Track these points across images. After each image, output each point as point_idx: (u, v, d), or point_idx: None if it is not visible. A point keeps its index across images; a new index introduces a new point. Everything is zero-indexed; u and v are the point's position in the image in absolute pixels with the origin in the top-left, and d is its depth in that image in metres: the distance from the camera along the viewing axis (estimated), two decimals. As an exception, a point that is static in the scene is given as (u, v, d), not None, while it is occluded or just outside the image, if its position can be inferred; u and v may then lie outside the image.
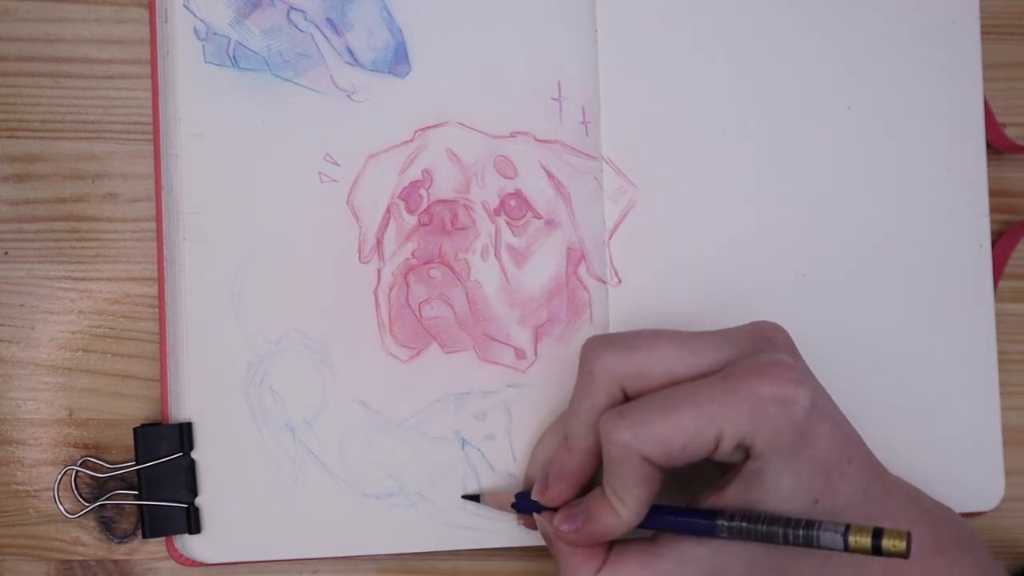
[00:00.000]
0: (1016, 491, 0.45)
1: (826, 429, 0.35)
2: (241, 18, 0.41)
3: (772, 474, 0.34)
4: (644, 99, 0.43)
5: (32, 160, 0.42)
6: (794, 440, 0.34)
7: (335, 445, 0.41)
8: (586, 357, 0.36)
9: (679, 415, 0.33)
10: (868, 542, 0.29)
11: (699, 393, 0.34)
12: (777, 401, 0.33)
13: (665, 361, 0.35)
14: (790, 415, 0.33)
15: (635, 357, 0.35)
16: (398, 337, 0.41)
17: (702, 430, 0.33)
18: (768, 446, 0.34)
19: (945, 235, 0.44)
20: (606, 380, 0.35)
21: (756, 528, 0.33)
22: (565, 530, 0.36)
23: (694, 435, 0.33)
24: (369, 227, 0.41)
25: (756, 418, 0.33)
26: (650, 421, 0.33)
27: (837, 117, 0.44)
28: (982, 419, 0.44)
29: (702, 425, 0.33)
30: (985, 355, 0.44)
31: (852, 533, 0.30)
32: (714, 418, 0.33)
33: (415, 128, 0.42)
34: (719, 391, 0.34)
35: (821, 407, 0.35)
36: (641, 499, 0.34)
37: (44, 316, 0.42)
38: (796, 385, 0.33)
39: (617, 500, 0.35)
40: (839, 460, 0.35)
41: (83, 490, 0.41)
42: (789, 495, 0.34)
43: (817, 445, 0.35)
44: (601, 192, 0.42)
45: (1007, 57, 0.46)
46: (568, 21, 0.42)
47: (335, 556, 0.41)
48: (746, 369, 0.34)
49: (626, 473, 0.34)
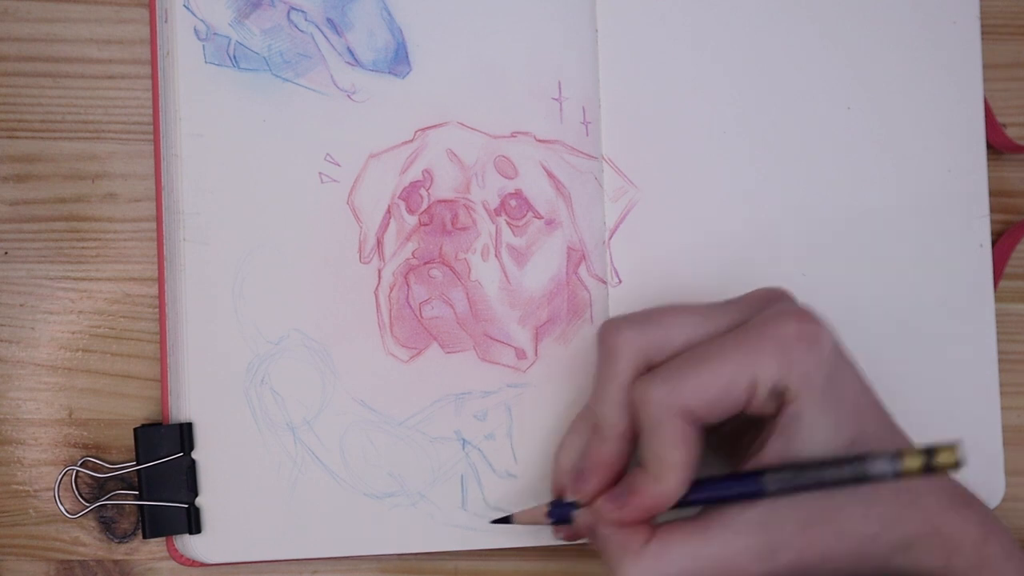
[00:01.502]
0: (1016, 491, 0.45)
1: (850, 372, 0.36)
2: (241, 18, 0.41)
3: (809, 416, 0.34)
4: (644, 99, 0.43)
5: (32, 160, 0.42)
6: (825, 378, 0.34)
7: (335, 445, 0.41)
8: (605, 337, 0.36)
9: (711, 365, 0.34)
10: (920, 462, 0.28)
11: (726, 344, 0.34)
12: (804, 338, 0.34)
13: (684, 329, 0.35)
14: (819, 352, 0.34)
15: (654, 329, 0.35)
16: (398, 337, 0.41)
17: (736, 378, 0.34)
18: (803, 386, 0.34)
19: (945, 235, 0.44)
20: (629, 355, 0.35)
21: (804, 475, 0.33)
22: (609, 509, 0.36)
23: (729, 384, 0.34)
24: (369, 227, 0.41)
25: (787, 358, 0.34)
26: (684, 375, 0.34)
27: (837, 117, 0.44)
28: (982, 419, 0.44)
29: (735, 372, 0.34)
30: (985, 355, 0.44)
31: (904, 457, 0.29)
32: (746, 364, 0.34)
33: (415, 128, 0.42)
34: (747, 339, 0.34)
35: (842, 350, 0.36)
36: (682, 462, 0.34)
37: (44, 316, 0.42)
38: (818, 325, 0.34)
39: (658, 466, 0.34)
40: (866, 403, 0.36)
41: (83, 490, 0.41)
42: (829, 436, 0.34)
43: (845, 386, 0.35)
44: (601, 192, 0.42)
45: (1007, 57, 0.46)
46: (568, 21, 0.42)
47: (335, 556, 0.41)
48: (768, 317, 0.35)
49: (665, 434, 0.34)
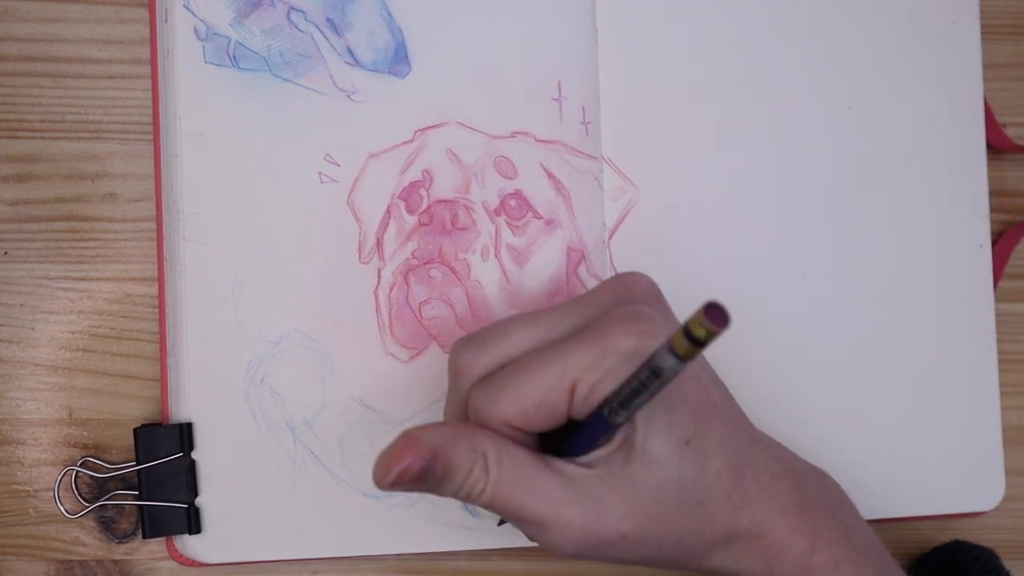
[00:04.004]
0: (1016, 491, 0.45)
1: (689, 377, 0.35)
2: (241, 18, 0.41)
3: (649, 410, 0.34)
4: (644, 99, 0.43)
5: (32, 160, 0.42)
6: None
7: (335, 445, 0.41)
8: (450, 359, 0.37)
9: (528, 376, 0.34)
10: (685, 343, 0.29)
11: (551, 351, 0.34)
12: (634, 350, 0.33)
13: (522, 341, 0.35)
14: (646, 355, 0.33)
15: (490, 350, 0.35)
16: (398, 337, 0.41)
17: (555, 384, 0.34)
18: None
19: (945, 235, 0.44)
20: (468, 376, 0.36)
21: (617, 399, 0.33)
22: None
23: (547, 391, 0.34)
24: (369, 227, 0.41)
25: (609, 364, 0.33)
26: (501, 388, 0.34)
27: (837, 117, 0.44)
28: (982, 419, 0.44)
29: (554, 379, 0.34)
30: (985, 355, 0.44)
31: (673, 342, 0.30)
32: (565, 370, 0.33)
33: (415, 128, 0.42)
34: (570, 346, 0.34)
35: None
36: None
37: (44, 316, 0.42)
38: (650, 337, 0.33)
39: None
40: (705, 405, 0.36)
41: (83, 490, 0.41)
42: (665, 432, 0.34)
43: (683, 387, 0.35)
44: (601, 192, 0.42)
45: (1007, 57, 0.46)
46: (568, 21, 0.42)
47: (335, 556, 0.41)
48: (600, 323, 0.34)
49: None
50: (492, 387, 0.35)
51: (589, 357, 0.33)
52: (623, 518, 0.34)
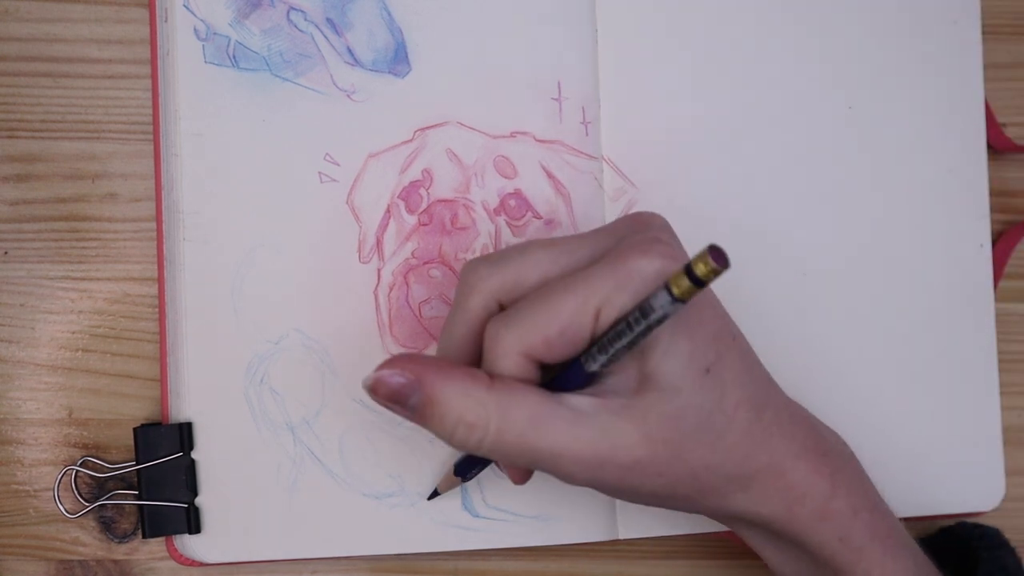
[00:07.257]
0: (1016, 491, 0.45)
1: (708, 305, 0.35)
2: (241, 18, 0.41)
3: (668, 335, 0.33)
4: (644, 99, 0.43)
5: (32, 160, 0.42)
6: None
7: (335, 445, 0.41)
8: (463, 274, 0.35)
9: (552, 304, 0.33)
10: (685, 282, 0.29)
11: (573, 281, 0.33)
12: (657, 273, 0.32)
13: (540, 266, 0.34)
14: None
15: (508, 267, 0.35)
16: (398, 337, 0.41)
17: (579, 309, 0.33)
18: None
19: (945, 235, 0.44)
20: (481, 292, 0.35)
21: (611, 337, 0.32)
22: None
23: (571, 317, 0.33)
24: (369, 227, 0.41)
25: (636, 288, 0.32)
26: (524, 317, 0.33)
27: (838, 117, 0.44)
28: (982, 419, 0.44)
29: (578, 304, 0.33)
30: (985, 355, 0.44)
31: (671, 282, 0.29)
32: (590, 296, 0.33)
33: (415, 128, 0.42)
34: (593, 271, 0.33)
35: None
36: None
37: (44, 316, 0.42)
38: (673, 260, 0.33)
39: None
40: (725, 335, 0.35)
41: (83, 490, 0.41)
42: (686, 358, 0.33)
43: (704, 315, 0.34)
44: (601, 192, 0.42)
45: (1007, 57, 0.46)
46: (568, 21, 0.42)
47: (335, 556, 0.42)
48: (621, 248, 0.33)
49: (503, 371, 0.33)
50: (513, 315, 0.33)
51: (613, 281, 0.32)
52: (638, 444, 0.33)
